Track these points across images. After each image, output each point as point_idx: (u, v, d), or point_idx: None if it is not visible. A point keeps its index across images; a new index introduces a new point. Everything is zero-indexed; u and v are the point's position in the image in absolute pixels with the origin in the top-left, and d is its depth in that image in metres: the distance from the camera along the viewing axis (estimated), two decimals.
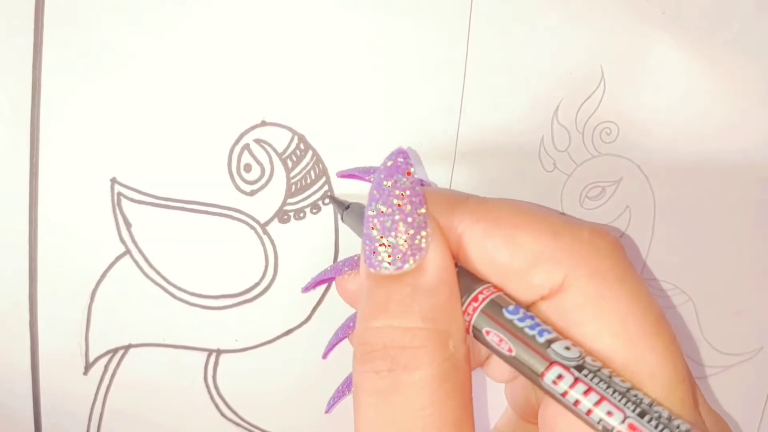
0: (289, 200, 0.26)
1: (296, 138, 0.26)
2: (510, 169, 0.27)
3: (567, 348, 0.18)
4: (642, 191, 0.29)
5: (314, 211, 0.26)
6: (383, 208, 0.19)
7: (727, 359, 0.31)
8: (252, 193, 0.26)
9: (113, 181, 0.25)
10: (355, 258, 0.24)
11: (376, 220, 0.19)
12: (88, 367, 0.26)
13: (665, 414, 0.17)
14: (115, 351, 0.26)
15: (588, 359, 0.18)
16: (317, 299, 0.27)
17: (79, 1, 0.23)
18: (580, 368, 0.18)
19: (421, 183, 0.24)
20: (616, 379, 0.18)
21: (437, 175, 0.27)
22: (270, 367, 0.27)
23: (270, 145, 0.25)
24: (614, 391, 0.17)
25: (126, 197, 0.25)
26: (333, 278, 0.25)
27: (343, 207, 0.25)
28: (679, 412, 0.18)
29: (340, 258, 0.26)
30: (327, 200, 0.26)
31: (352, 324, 0.25)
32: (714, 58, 0.28)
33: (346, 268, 0.24)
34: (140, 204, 0.25)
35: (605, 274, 0.19)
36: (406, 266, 0.19)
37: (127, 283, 0.26)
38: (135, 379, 0.26)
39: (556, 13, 0.26)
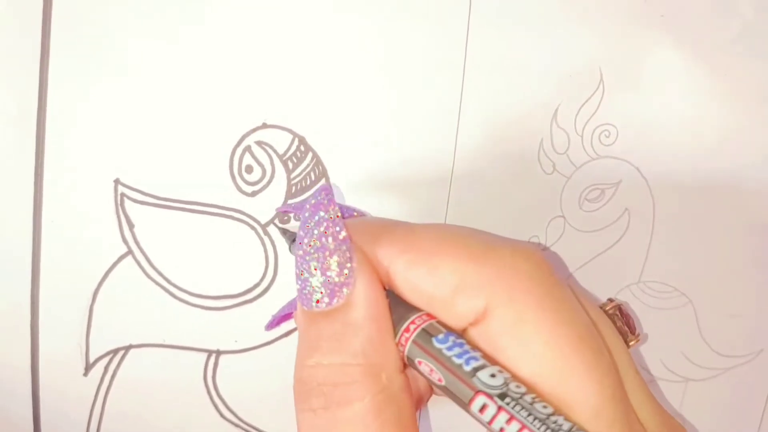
0: (290, 201, 0.26)
1: (297, 140, 0.26)
2: (509, 172, 0.27)
3: (492, 375, 0.18)
4: (641, 194, 0.29)
5: None
6: (306, 247, 0.20)
7: (726, 361, 0.31)
8: (253, 194, 0.26)
9: (117, 182, 0.25)
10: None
11: (302, 259, 0.20)
12: (88, 367, 0.26)
13: None
14: (115, 352, 0.26)
15: (512, 386, 0.18)
16: None
17: (86, 4, 0.24)
18: (503, 396, 0.18)
19: (351, 214, 0.24)
20: (538, 405, 0.18)
21: (436, 177, 0.27)
22: (269, 368, 0.27)
23: (271, 147, 0.26)
24: (534, 419, 0.17)
25: (129, 198, 0.25)
26: (292, 313, 0.24)
27: (291, 239, 0.25)
28: None
29: None
30: (277, 229, 0.26)
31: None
32: (713, 59, 0.28)
33: (297, 285, 0.23)
34: (143, 205, 0.25)
35: (526, 297, 0.19)
36: (335, 302, 0.19)
37: (128, 284, 0.26)
38: (135, 379, 0.26)
39: (555, 16, 0.27)
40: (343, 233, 0.20)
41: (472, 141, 0.27)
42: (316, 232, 0.20)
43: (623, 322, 0.23)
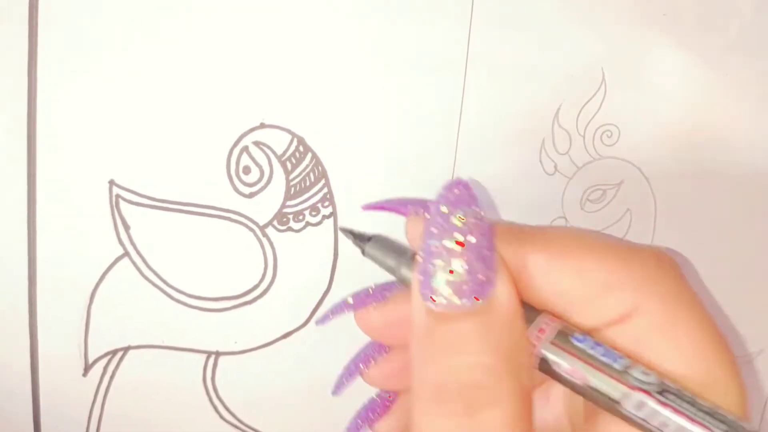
0: (289, 202, 0.26)
1: (295, 140, 0.25)
2: (511, 172, 0.27)
3: (645, 373, 0.18)
4: (643, 194, 0.29)
5: (313, 213, 0.26)
6: (448, 243, 0.18)
7: None
8: (251, 195, 0.26)
9: (111, 183, 0.25)
10: (378, 288, 0.23)
11: (440, 256, 0.18)
12: (87, 368, 0.26)
13: (751, 428, 0.17)
14: (114, 353, 0.26)
15: (667, 382, 0.18)
16: (316, 302, 0.27)
17: (75, 3, 0.23)
18: (662, 392, 0.18)
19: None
20: (699, 400, 0.18)
21: (437, 178, 0.27)
22: (268, 370, 0.27)
23: (269, 147, 0.25)
24: (700, 411, 0.17)
25: (124, 199, 0.25)
26: (353, 309, 0.23)
27: (365, 239, 0.23)
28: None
29: (339, 261, 0.26)
30: (344, 233, 0.24)
31: (364, 358, 0.23)
32: (715, 59, 0.28)
33: (370, 300, 0.22)
34: (138, 206, 0.25)
35: (675, 297, 0.19)
36: (480, 302, 0.18)
37: (125, 285, 0.26)
38: (134, 380, 0.26)
39: (557, 16, 0.26)
40: (489, 230, 0.19)
41: (474, 141, 0.26)
42: (459, 228, 0.18)
43: None
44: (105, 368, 0.26)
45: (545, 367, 0.19)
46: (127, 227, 0.25)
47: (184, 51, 0.24)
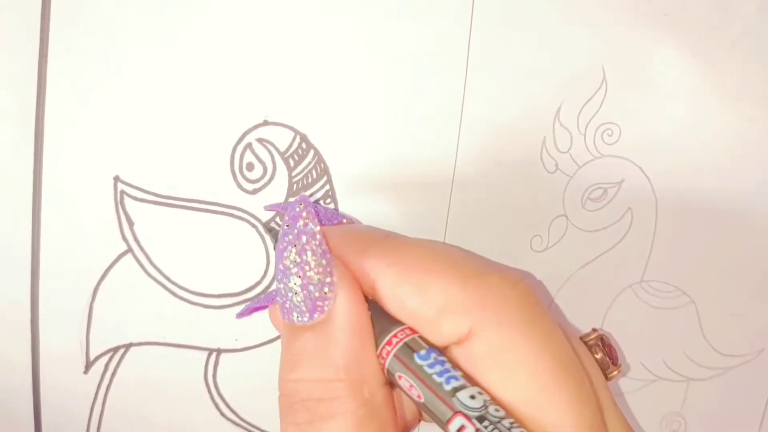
0: (291, 199, 0.26)
1: (298, 137, 0.26)
2: (512, 171, 0.27)
3: (472, 397, 0.18)
4: (644, 193, 0.29)
5: None
6: (286, 261, 0.19)
7: (728, 361, 0.31)
8: (254, 191, 0.26)
9: (116, 179, 0.25)
10: None
11: (282, 273, 0.20)
12: (88, 365, 0.26)
13: None
14: (115, 350, 0.26)
15: (491, 409, 0.18)
16: None
17: (85, 2, 0.24)
18: (481, 419, 0.18)
19: (339, 221, 0.24)
20: (516, 431, 0.18)
21: (438, 176, 0.27)
22: (270, 367, 0.27)
23: (272, 144, 0.26)
24: None
25: (129, 195, 0.25)
26: (265, 306, 0.24)
27: (276, 238, 0.25)
28: None
29: None
30: (265, 230, 0.26)
31: (275, 295, 0.24)
32: (716, 59, 0.28)
33: (278, 298, 0.23)
34: (143, 202, 0.25)
35: (511, 323, 0.19)
36: (315, 317, 0.19)
37: (128, 282, 0.26)
38: (135, 377, 0.26)
39: (558, 15, 0.26)
40: (323, 247, 0.20)
41: (475, 139, 0.27)
42: (294, 246, 0.19)
43: (605, 353, 0.23)
44: (106, 365, 0.26)
45: (392, 380, 0.20)
46: (131, 223, 0.25)
47: (188, 49, 0.24)
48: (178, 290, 0.26)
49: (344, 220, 0.24)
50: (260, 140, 0.25)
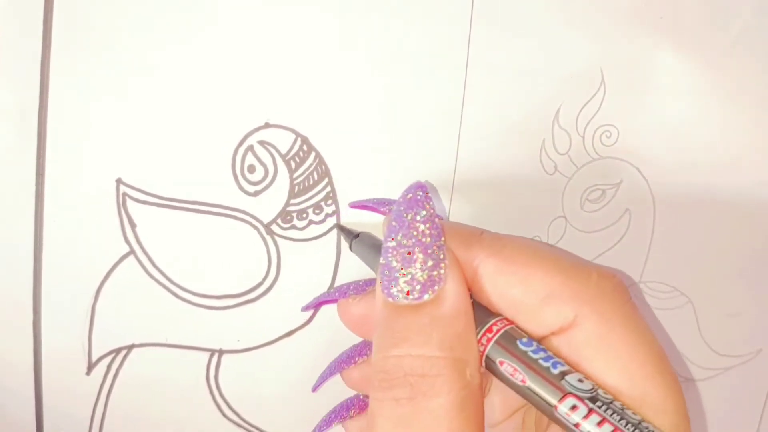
0: (292, 201, 0.26)
1: (299, 140, 0.26)
2: (511, 172, 0.27)
3: (580, 380, 0.19)
4: (642, 194, 0.29)
5: (317, 212, 0.26)
6: (404, 240, 0.20)
7: (726, 361, 0.31)
8: (255, 193, 0.26)
9: (119, 181, 0.25)
10: (361, 283, 0.24)
11: (396, 252, 0.20)
12: (90, 366, 0.26)
13: None
14: (117, 351, 0.26)
15: (600, 392, 0.19)
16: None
17: (87, 4, 0.24)
18: (593, 400, 0.18)
19: (439, 217, 0.24)
20: (628, 412, 0.18)
21: (439, 177, 0.27)
22: (272, 368, 0.27)
23: (273, 147, 0.26)
24: (627, 423, 0.18)
25: (131, 198, 0.25)
26: (335, 300, 0.25)
27: (352, 236, 0.25)
28: None
29: (342, 259, 0.27)
30: (335, 229, 0.26)
31: (346, 358, 0.25)
32: (712, 61, 0.28)
33: (351, 292, 0.24)
34: (145, 204, 0.25)
35: (612, 314, 0.20)
36: (426, 297, 0.20)
37: (130, 283, 0.26)
38: (137, 378, 0.26)
39: (557, 17, 0.27)
40: (439, 230, 0.20)
41: (475, 141, 0.27)
42: (414, 227, 0.20)
43: None
44: (108, 366, 0.26)
45: (491, 366, 0.20)
46: (133, 225, 0.25)
47: (191, 52, 0.25)
48: (180, 291, 0.26)
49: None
50: (262, 142, 0.26)
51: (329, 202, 0.26)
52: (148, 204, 0.25)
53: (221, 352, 0.27)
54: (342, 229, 0.26)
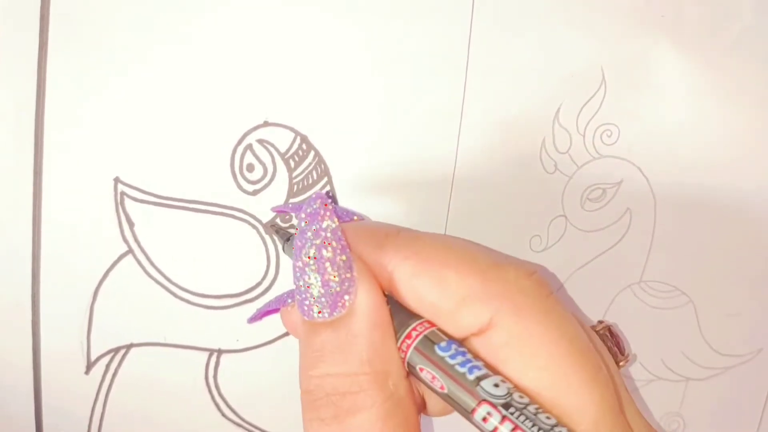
0: (292, 200, 0.26)
1: (299, 138, 0.26)
2: (511, 171, 0.27)
3: (496, 385, 0.18)
4: (642, 193, 0.29)
5: None
6: (305, 258, 0.20)
7: (726, 360, 0.31)
8: (254, 192, 0.26)
9: (116, 180, 0.25)
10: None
11: (301, 270, 0.20)
12: (89, 366, 0.26)
13: None
14: (116, 350, 0.26)
15: (516, 396, 0.18)
16: None
17: (84, 2, 0.24)
18: (507, 406, 0.18)
19: (350, 218, 0.24)
20: (542, 416, 0.18)
21: (438, 177, 0.27)
22: (271, 368, 0.27)
23: (272, 145, 0.26)
24: (539, 429, 0.18)
25: (129, 196, 0.25)
26: (277, 310, 0.24)
27: (284, 238, 0.25)
28: None
29: None
30: (266, 229, 0.26)
31: (286, 298, 0.24)
32: (714, 60, 0.28)
33: (290, 300, 0.23)
34: (143, 203, 0.25)
35: (529, 312, 0.19)
36: (336, 313, 0.19)
37: (129, 283, 0.26)
38: (136, 378, 0.26)
39: (557, 16, 0.27)
40: (343, 243, 0.20)
41: (475, 140, 0.27)
42: (314, 242, 0.20)
43: (613, 343, 0.24)
44: (107, 366, 0.26)
45: (414, 372, 0.20)
46: (131, 224, 0.25)
47: (189, 50, 0.24)
48: (179, 291, 0.26)
49: (354, 217, 0.24)
50: (261, 141, 0.25)
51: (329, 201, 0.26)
52: (147, 203, 0.25)
53: (220, 352, 0.27)
54: (276, 230, 0.26)
